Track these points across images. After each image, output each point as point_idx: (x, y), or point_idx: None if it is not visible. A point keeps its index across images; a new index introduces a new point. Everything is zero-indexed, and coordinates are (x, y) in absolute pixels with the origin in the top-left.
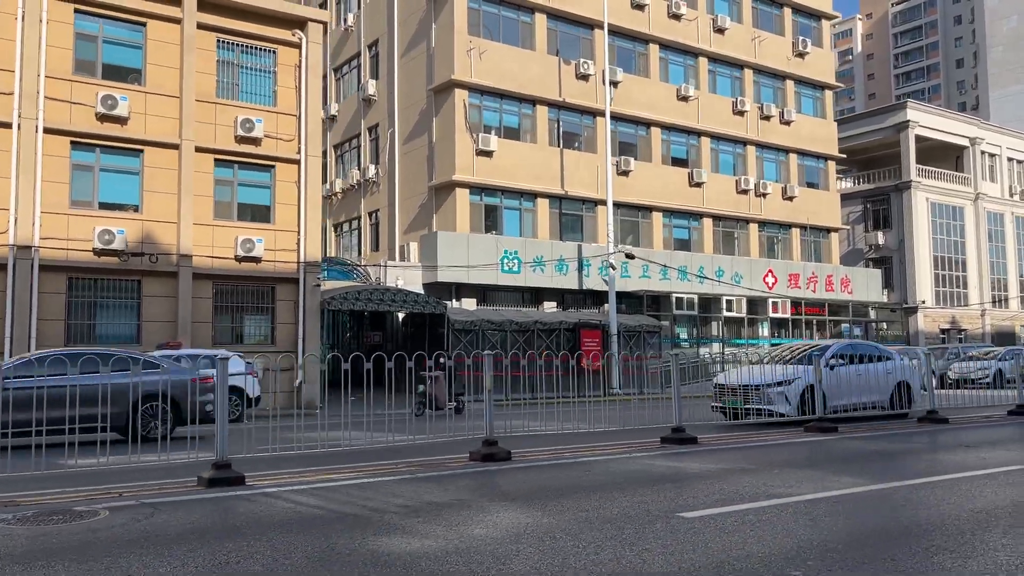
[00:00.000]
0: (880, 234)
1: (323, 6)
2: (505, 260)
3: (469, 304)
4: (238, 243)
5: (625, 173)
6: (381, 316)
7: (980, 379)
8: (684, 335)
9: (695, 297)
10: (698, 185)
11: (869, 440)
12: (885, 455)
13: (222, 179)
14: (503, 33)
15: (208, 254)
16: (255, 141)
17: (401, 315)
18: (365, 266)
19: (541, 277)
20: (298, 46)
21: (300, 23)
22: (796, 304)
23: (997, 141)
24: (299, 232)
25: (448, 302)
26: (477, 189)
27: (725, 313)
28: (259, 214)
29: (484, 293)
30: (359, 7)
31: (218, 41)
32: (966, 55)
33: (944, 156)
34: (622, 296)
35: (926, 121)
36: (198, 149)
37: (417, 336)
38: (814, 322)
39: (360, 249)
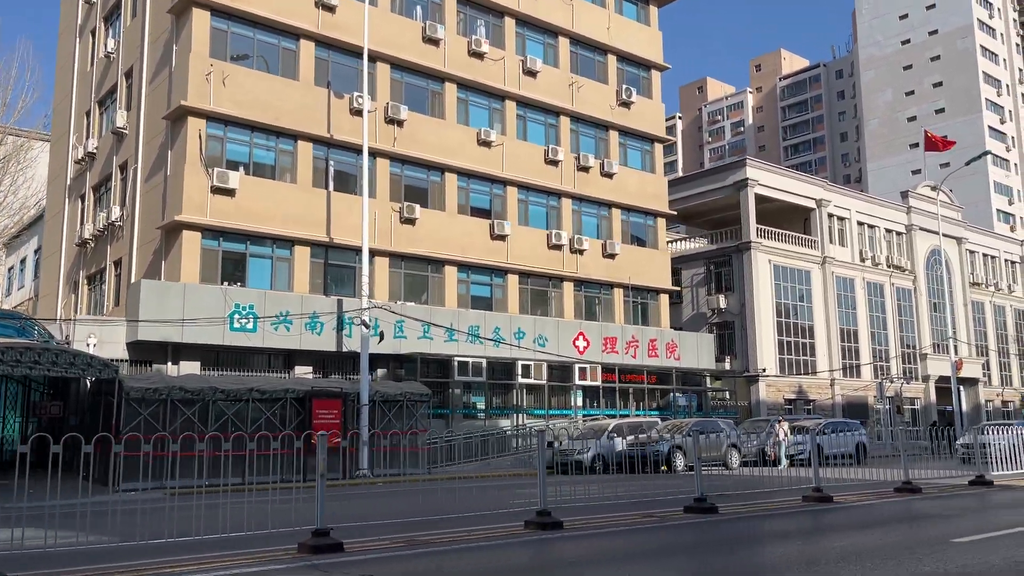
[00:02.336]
0: (722, 297)
1: (93, 34)
2: (236, 316)
3: (191, 367)
4: None
5: (410, 221)
6: (67, 383)
7: (796, 455)
8: (481, 404)
9: (483, 361)
10: (501, 238)
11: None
12: None
13: None
14: (259, 59)
15: None
16: None
17: (90, 381)
18: (62, 320)
19: (288, 337)
20: None
21: None
22: (611, 371)
23: (846, 204)
24: None
25: (164, 365)
26: (214, 233)
27: (521, 379)
28: None
29: (217, 355)
30: (121, 33)
31: None
32: (849, 129)
33: (793, 218)
34: (402, 360)
35: (766, 180)
36: None
37: (97, 407)
38: (630, 390)
39: (105, 304)
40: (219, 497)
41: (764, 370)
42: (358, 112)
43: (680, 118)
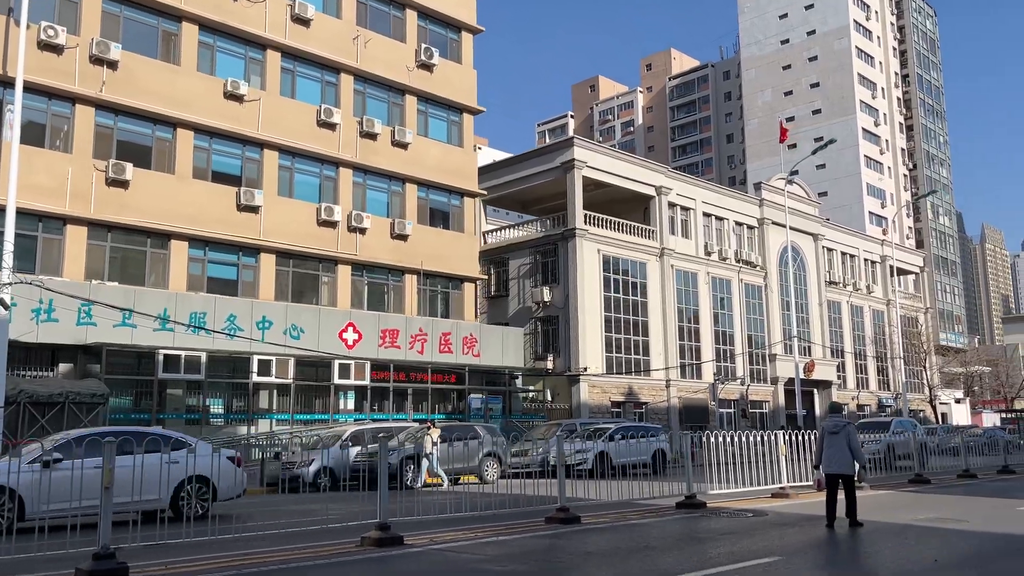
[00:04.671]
0: (547, 290)
1: None
2: None
3: None
4: None
5: (120, 183)
6: None
7: (578, 464)
8: (217, 408)
9: (202, 356)
10: (252, 209)
11: None
12: None
13: None
14: None
15: None
16: None
17: None
18: None
19: None
20: None
21: None
22: (393, 369)
23: (691, 193)
24: None
25: None
26: None
27: (257, 377)
28: None
29: None
30: None
31: None
32: (735, 130)
33: (634, 207)
34: (90, 352)
35: (597, 162)
36: None
37: None
38: (409, 391)
39: None
40: None
41: (585, 369)
42: (50, 47)
43: (572, 117)
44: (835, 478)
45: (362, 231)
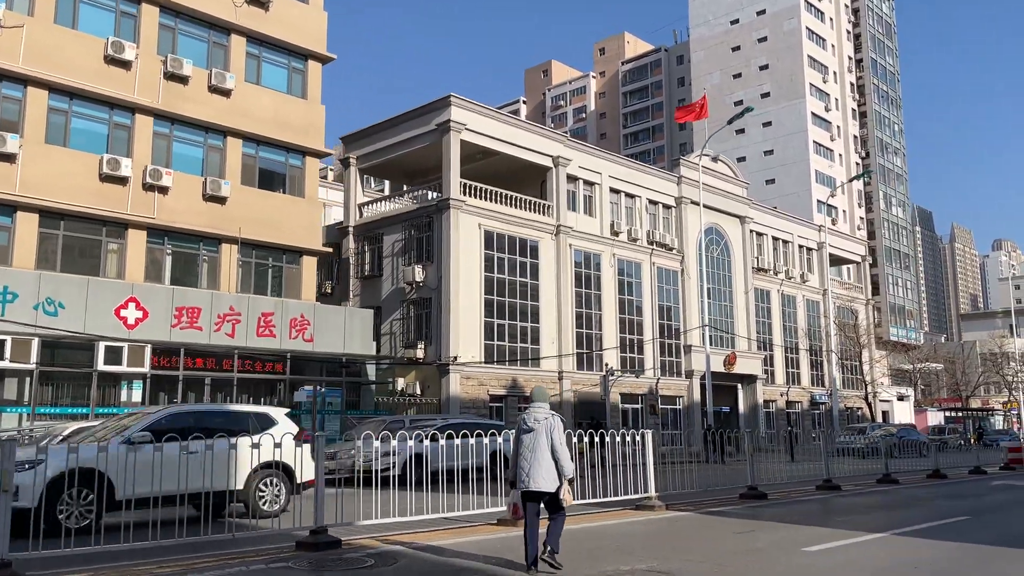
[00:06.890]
0: (418, 268)
1: None
2: None
3: None
4: None
5: None
6: None
7: (383, 470)
8: None
9: None
10: (5, 158)
11: None
12: None
13: None
14: None
15: None
16: None
17: None
18: None
19: None
20: None
21: None
22: (175, 353)
23: (595, 167)
24: None
25: None
26: None
27: None
28: None
29: None
30: None
31: None
32: None
33: (533, 181)
34: None
35: (478, 125)
36: None
37: None
38: (208, 380)
39: None
40: None
41: (455, 358)
42: None
43: (524, 102)
44: (538, 497)
45: (163, 190)
